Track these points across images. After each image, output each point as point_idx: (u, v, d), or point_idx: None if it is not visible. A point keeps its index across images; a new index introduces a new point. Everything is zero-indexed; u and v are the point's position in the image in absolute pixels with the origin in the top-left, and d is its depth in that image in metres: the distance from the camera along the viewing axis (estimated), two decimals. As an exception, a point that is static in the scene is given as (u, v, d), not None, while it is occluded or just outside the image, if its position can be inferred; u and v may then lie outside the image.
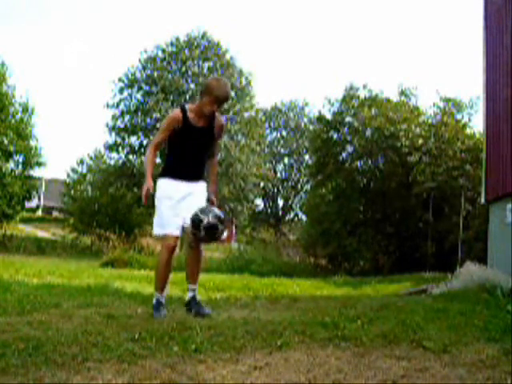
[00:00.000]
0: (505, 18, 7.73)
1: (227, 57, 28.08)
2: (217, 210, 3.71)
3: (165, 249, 3.84)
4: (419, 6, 65.04)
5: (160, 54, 27.78)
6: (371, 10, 60.80)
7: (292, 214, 37.46)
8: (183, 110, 3.89)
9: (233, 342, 2.94)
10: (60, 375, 2.30)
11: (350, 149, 19.50)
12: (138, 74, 27.76)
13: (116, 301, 4.66)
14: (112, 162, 29.15)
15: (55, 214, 39.95)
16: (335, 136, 19.64)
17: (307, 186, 33.58)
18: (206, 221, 3.60)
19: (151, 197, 3.90)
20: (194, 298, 3.95)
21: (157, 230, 3.89)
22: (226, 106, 25.76)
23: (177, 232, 3.84)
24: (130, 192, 23.89)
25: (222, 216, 3.71)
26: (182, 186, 3.90)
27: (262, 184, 29.58)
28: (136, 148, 27.76)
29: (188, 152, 3.93)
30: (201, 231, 3.61)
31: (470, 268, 7.25)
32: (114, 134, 27.72)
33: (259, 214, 34.68)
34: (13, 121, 22.10)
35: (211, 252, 17.10)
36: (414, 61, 62.79)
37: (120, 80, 27.65)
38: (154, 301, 3.89)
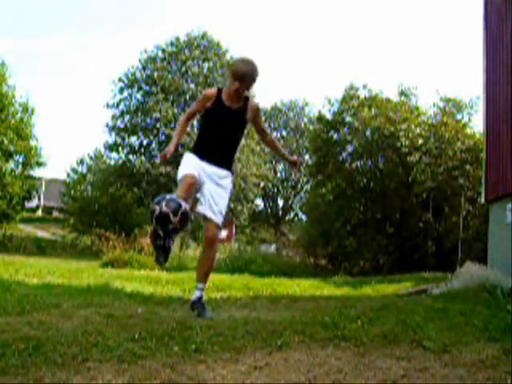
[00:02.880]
0: (505, 17, 7.73)
1: (227, 57, 28.08)
2: (176, 199, 3.44)
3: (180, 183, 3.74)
4: (419, 5, 65.06)
5: (160, 54, 27.81)
6: (371, 9, 60.87)
7: (292, 214, 37.48)
8: (218, 90, 3.93)
9: (233, 342, 2.94)
10: (60, 375, 2.30)
11: (350, 149, 19.49)
12: (138, 74, 27.79)
13: (116, 301, 4.66)
14: (112, 162, 29.19)
15: (55, 214, 39.99)
16: (335, 136, 19.64)
17: (307, 186, 33.57)
18: (157, 211, 3.40)
19: (167, 162, 3.95)
20: (200, 298, 3.87)
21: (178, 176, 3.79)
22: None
23: (195, 172, 3.74)
24: (130, 192, 23.90)
25: (182, 206, 3.41)
26: (205, 165, 3.85)
27: (261, 184, 29.58)
28: (136, 148, 27.78)
29: (217, 132, 3.90)
30: (152, 221, 3.42)
31: (470, 268, 7.25)
32: (113, 134, 27.77)
33: (259, 213, 34.68)
34: (13, 121, 22.12)
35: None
36: (414, 61, 62.83)
37: (120, 80, 27.69)
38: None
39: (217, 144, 3.89)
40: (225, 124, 3.89)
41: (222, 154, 3.91)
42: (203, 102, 3.91)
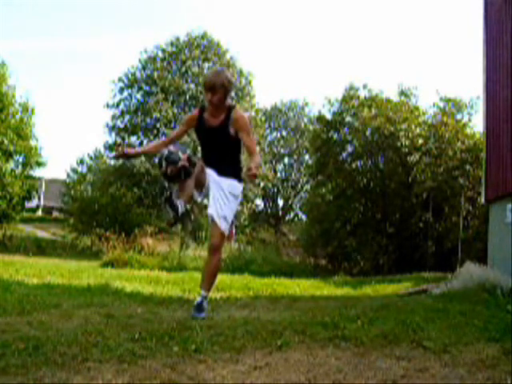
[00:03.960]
0: (505, 18, 7.73)
1: (227, 57, 28.06)
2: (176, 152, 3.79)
3: None
4: (419, 5, 65.03)
5: (160, 54, 27.78)
6: (371, 9, 60.83)
7: (292, 214, 37.45)
8: (201, 109, 3.99)
9: (233, 342, 2.94)
10: (60, 375, 2.30)
11: (350, 149, 19.49)
12: (138, 74, 27.76)
13: (116, 301, 4.66)
14: (112, 162, 29.15)
15: (55, 214, 39.95)
16: (335, 136, 19.63)
17: (307, 186, 33.54)
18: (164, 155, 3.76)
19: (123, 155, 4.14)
20: (199, 304, 3.83)
21: None
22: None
23: None
24: (130, 192, 23.88)
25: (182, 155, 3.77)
26: (213, 172, 3.93)
27: (262, 184, 29.56)
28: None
29: (205, 149, 3.98)
30: (162, 166, 3.76)
31: (470, 268, 7.24)
32: (113, 134, 27.75)
33: (259, 213, 34.63)
34: (13, 121, 22.07)
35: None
36: (414, 61, 62.76)
37: (120, 80, 27.66)
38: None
39: (210, 160, 3.95)
40: (208, 141, 3.95)
41: (219, 168, 3.91)
42: (187, 124, 4.07)
